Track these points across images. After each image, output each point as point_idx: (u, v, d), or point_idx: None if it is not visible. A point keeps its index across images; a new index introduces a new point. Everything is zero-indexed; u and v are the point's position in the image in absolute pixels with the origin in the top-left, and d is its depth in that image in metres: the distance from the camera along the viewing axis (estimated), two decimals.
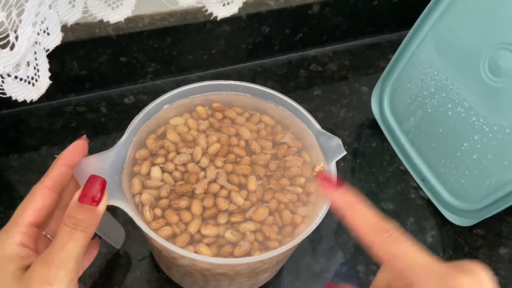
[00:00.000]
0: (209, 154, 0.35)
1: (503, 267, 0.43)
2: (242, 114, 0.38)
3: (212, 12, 0.44)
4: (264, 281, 0.38)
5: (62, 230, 0.26)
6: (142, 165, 0.33)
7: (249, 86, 0.38)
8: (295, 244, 0.30)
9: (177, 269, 0.34)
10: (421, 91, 0.46)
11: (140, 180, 0.33)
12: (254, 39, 0.55)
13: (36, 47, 0.36)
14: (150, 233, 0.29)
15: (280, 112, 0.38)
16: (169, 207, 0.32)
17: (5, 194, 0.42)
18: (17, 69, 0.35)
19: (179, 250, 0.28)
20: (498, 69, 0.39)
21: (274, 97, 0.38)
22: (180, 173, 0.34)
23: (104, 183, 0.27)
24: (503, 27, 0.38)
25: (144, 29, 0.48)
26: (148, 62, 0.52)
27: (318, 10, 0.56)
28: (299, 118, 0.38)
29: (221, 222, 0.32)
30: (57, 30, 0.38)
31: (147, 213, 0.31)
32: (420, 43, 0.46)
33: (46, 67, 0.38)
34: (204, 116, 0.37)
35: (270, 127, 0.38)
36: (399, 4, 0.61)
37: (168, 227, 0.31)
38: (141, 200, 0.32)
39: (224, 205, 0.32)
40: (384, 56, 0.62)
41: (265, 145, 0.36)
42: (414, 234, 0.44)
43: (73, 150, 0.30)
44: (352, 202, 0.26)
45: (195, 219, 0.32)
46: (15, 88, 0.36)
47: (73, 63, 0.48)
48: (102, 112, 0.50)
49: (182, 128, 0.36)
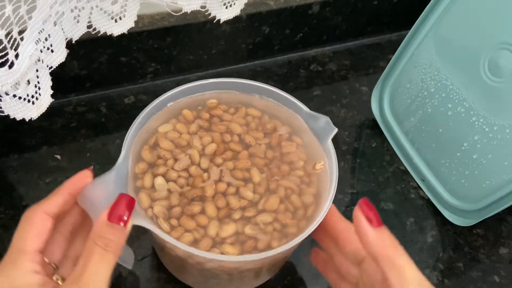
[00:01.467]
0: (206, 154, 0.35)
1: (503, 267, 0.43)
2: (228, 111, 0.38)
3: (215, 15, 0.44)
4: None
5: (93, 252, 0.25)
6: (144, 178, 0.33)
7: (232, 81, 0.38)
8: (319, 221, 0.30)
9: (202, 274, 0.34)
10: (421, 91, 0.46)
11: (146, 194, 0.32)
12: (254, 39, 0.55)
13: (39, 64, 0.36)
14: (179, 244, 0.28)
15: (264, 102, 0.39)
16: (183, 214, 0.32)
17: (5, 194, 0.42)
18: (16, 87, 0.34)
19: (209, 255, 0.28)
20: (498, 69, 0.39)
21: (259, 89, 0.38)
22: (184, 179, 0.33)
23: (132, 202, 0.27)
24: (503, 27, 0.38)
25: (144, 29, 0.48)
26: (148, 62, 0.52)
27: (318, 10, 0.56)
28: (285, 106, 0.38)
29: (236, 219, 0.32)
30: (62, 47, 0.38)
31: (163, 224, 0.31)
32: (420, 43, 0.46)
33: (48, 85, 0.38)
34: (191, 119, 0.37)
35: (257, 119, 0.38)
36: (399, 4, 0.61)
37: (188, 234, 0.31)
38: (154, 213, 0.31)
39: (236, 203, 0.33)
40: (384, 56, 0.62)
41: (258, 136, 0.37)
42: (414, 234, 0.44)
43: (78, 179, 0.29)
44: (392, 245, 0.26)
45: (212, 221, 0.32)
46: (13, 107, 0.35)
47: (73, 63, 0.48)
48: (102, 112, 0.50)
49: (172, 134, 0.36)
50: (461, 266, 0.42)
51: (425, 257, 0.43)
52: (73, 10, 0.37)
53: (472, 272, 0.42)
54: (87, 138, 0.48)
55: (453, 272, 0.42)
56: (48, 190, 0.44)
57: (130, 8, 0.40)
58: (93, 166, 0.45)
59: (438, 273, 0.42)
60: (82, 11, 0.38)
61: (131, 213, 0.26)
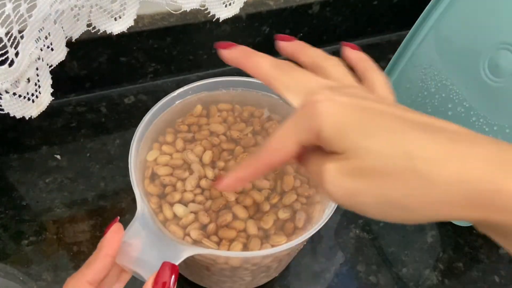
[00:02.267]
0: (206, 163, 0.35)
1: (503, 267, 0.43)
2: (200, 115, 0.38)
3: (215, 14, 0.44)
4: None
5: None
6: (163, 211, 0.32)
7: (196, 85, 0.38)
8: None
9: (222, 273, 0.34)
10: (421, 91, 0.46)
11: (175, 224, 0.32)
12: (254, 39, 0.55)
13: (39, 63, 0.36)
14: (241, 254, 0.29)
15: (232, 93, 0.39)
16: (218, 228, 0.32)
17: (5, 194, 0.42)
18: (16, 85, 0.34)
19: (264, 252, 0.29)
20: (498, 69, 0.39)
21: (222, 83, 0.39)
22: (201, 195, 0.33)
23: (175, 268, 0.26)
24: (503, 27, 0.38)
25: (144, 29, 0.48)
26: (148, 62, 0.52)
27: (318, 10, 0.56)
28: (256, 89, 0.39)
29: (267, 210, 0.33)
30: (62, 45, 0.38)
31: (211, 244, 0.31)
32: (420, 43, 0.46)
33: (48, 83, 0.38)
34: (173, 138, 0.36)
35: (231, 111, 0.38)
36: (399, 4, 0.61)
37: (236, 242, 0.31)
38: (194, 239, 0.31)
39: (259, 197, 0.33)
40: (384, 56, 0.62)
41: (241, 128, 0.37)
42: (414, 234, 0.44)
43: (112, 238, 0.28)
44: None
45: (247, 221, 0.32)
46: (13, 105, 0.35)
47: (73, 63, 0.48)
48: (102, 112, 0.50)
49: (164, 158, 0.35)
50: (461, 266, 0.42)
51: (425, 257, 0.43)
52: (73, 8, 0.37)
53: (472, 272, 0.42)
54: (87, 138, 0.48)
55: (453, 272, 0.42)
56: (48, 190, 0.44)
57: (129, 7, 0.40)
58: (93, 166, 0.46)
59: (438, 273, 0.42)
60: (81, 10, 0.38)
61: (176, 280, 0.26)
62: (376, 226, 0.44)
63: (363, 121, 0.20)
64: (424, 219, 0.20)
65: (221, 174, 0.34)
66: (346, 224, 0.44)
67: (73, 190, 0.44)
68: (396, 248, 0.43)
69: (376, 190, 0.20)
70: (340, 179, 0.20)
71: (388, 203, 0.20)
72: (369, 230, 0.44)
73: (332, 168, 0.21)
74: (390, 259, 0.42)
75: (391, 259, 0.42)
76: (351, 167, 0.20)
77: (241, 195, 0.33)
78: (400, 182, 0.19)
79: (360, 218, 0.45)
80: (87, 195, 0.43)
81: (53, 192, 0.43)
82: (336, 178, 0.21)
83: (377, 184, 0.20)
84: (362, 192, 0.20)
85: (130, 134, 0.41)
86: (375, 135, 0.20)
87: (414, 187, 0.19)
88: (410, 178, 0.19)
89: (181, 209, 0.32)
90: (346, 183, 0.20)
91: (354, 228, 0.44)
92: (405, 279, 0.41)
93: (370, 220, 0.44)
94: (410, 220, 0.20)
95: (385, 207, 0.20)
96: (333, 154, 0.21)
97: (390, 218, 0.20)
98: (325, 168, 0.21)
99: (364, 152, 0.20)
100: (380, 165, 0.19)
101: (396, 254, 0.42)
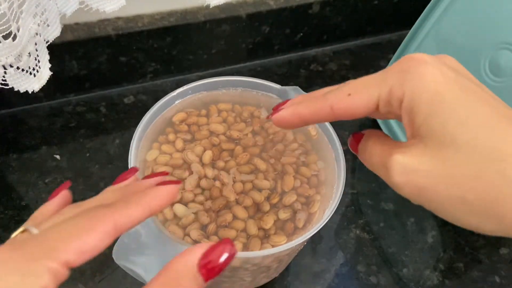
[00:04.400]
0: (206, 163, 0.35)
1: (503, 267, 0.43)
2: (199, 115, 0.38)
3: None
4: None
5: None
6: (163, 211, 0.32)
7: (196, 84, 0.38)
8: (343, 179, 0.33)
9: (224, 275, 0.33)
10: None
11: (175, 224, 0.32)
12: (254, 39, 0.55)
13: (37, 38, 0.37)
14: (242, 254, 0.29)
15: (231, 93, 0.39)
16: (218, 228, 0.32)
17: (4, 194, 0.42)
18: (19, 59, 0.35)
19: (265, 252, 0.29)
20: (498, 69, 0.39)
21: (222, 83, 0.39)
22: (201, 195, 0.33)
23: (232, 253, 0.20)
24: (503, 27, 0.38)
25: (143, 28, 0.48)
26: (148, 62, 0.52)
27: (318, 10, 0.56)
28: (255, 89, 0.39)
29: (267, 210, 0.33)
30: (57, 21, 0.39)
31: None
32: (420, 43, 0.45)
33: (46, 58, 0.39)
34: (173, 137, 0.36)
35: (231, 111, 0.38)
36: (399, 4, 0.61)
37: (236, 243, 0.31)
38: (194, 239, 0.31)
39: (259, 197, 0.33)
40: (384, 56, 0.62)
41: (241, 128, 0.37)
42: (415, 234, 0.44)
43: (168, 193, 0.22)
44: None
45: (247, 221, 0.32)
46: (17, 79, 0.36)
47: (73, 63, 0.48)
48: (101, 112, 0.50)
49: (163, 158, 0.35)
50: (462, 267, 0.42)
51: (426, 258, 0.43)
52: None
53: (472, 272, 0.42)
54: (86, 138, 0.48)
55: (453, 272, 0.42)
56: (47, 190, 0.44)
57: None
58: (93, 166, 0.45)
59: (438, 273, 0.42)
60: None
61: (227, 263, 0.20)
62: (376, 226, 0.44)
63: (463, 104, 0.17)
64: (502, 233, 0.17)
65: (276, 105, 0.27)
66: (346, 224, 0.44)
67: (73, 190, 0.43)
68: (397, 249, 0.43)
69: (453, 190, 0.17)
70: (411, 172, 0.18)
71: (464, 205, 0.17)
72: (369, 231, 0.44)
73: (401, 159, 0.18)
74: (390, 259, 0.42)
75: (392, 259, 0.42)
76: (427, 157, 0.18)
77: (241, 195, 0.33)
78: (482, 186, 0.17)
79: (360, 218, 0.44)
80: (86, 195, 0.43)
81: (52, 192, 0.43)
82: (406, 170, 0.18)
83: (455, 182, 0.17)
84: (436, 190, 0.18)
85: (129, 134, 0.41)
86: (470, 124, 0.17)
87: (500, 194, 0.16)
88: (496, 183, 0.16)
89: (181, 209, 0.32)
90: (417, 177, 0.18)
91: (354, 228, 0.44)
92: (406, 279, 0.41)
93: (370, 221, 0.44)
94: (486, 231, 0.18)
95: (460, 212, 0.18)
96: (400, 144, 0.19)
97: (465, 224, 0.18)
98: (393, 158, 0.19)
99: (450, 140, 0.17)
100: (464, 160, 0.17)
101: (396, 254, 0.42)
